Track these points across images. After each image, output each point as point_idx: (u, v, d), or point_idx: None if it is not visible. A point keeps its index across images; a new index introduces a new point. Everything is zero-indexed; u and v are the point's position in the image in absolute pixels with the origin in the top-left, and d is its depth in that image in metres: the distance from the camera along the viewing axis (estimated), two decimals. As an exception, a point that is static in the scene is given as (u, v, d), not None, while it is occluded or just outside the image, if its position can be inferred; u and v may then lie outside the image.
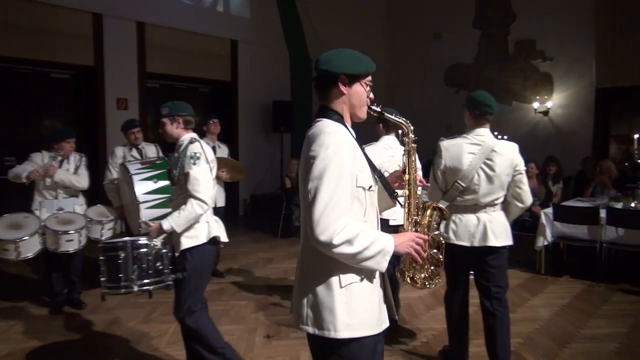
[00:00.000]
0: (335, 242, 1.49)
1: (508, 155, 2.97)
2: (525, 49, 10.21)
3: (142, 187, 3.41)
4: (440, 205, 1.91)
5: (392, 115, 1.87)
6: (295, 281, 1.78)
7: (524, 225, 6.10)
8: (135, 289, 2.79)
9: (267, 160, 9.82)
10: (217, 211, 5.23)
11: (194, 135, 2.98)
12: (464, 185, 2.95)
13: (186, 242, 2.81)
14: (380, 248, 1.57)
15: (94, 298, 4.62)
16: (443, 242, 1.88)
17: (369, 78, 1.73)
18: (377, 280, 1.70)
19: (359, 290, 1.62)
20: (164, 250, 2.83)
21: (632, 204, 5.36)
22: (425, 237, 1.75)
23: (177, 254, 2.84)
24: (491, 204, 2.99)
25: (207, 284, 3.04)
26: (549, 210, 5.45)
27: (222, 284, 5.22)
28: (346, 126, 1.69)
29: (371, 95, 1.75)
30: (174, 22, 8.18)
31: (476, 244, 2.95)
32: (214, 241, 2.93)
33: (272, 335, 3.86)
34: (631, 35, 8.76)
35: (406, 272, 1.82)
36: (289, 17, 10.14)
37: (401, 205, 1.86)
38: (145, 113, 7.89)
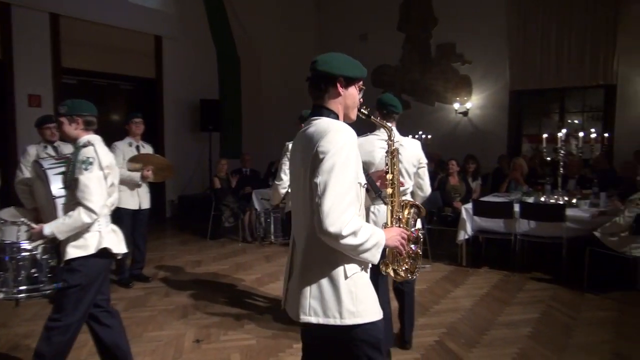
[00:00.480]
0: (344, 233, 1.58)
1: (413, 150, 3.36)
2: (446, 52, 10.71)
3: (58, 182, 3.17)
4: (417, 203, 2.05)
5: (377, 118, 2.01)
6: (291, 275, 1.82)
7: (446, 221, 6.39)
8: (1, 296, 2.57)
9: (195, 160, 9.57)
10: (141, 213, 5.09)
11: (92, 137, 2.76)
12: None
13: (72, 252, 2.59)
14: (376, 241, 1.67)
15: (5, 311, 4.28)
16: (421, 237, 2.01)
17: (361, 82, 1.84)
18: (369, 271, 1.80)
19: (360, 280, 1.72)
20: (43, 257, 2.61)
21: (542, 198, 5.79)
22: (408, 232, 1.90)
23: (61, 264, 2.61)
24: (403, 193, 3.27)
25: (95, 299, 2.75)
26: (469, 205, 5.76)
27: (147, 289, 5.03)
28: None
29: (361, 99, 1.87)
30: (92, 15, 7.75)
31: None
32: (105, 253, 2.70)
33: (201, 340, 3.77)
34: (539, 42, 9.46)
35: (390, 265, 1.94)
36: (215, 15, 9.95)
37: (385, 202, 1.97)
38: (61, 111, 7.40)
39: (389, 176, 1.96)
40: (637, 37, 8.63)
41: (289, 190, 4.17)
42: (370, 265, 1.78)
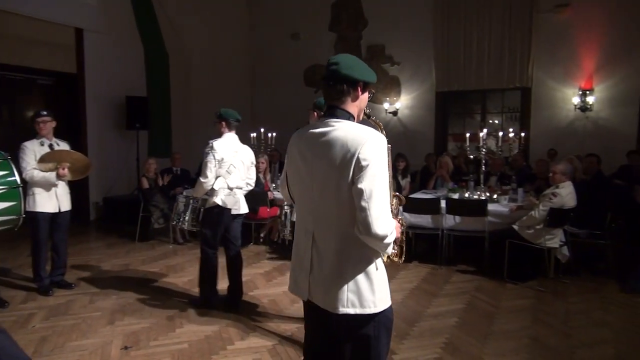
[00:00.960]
0: (388, 233, 1.75)
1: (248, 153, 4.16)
2: (376, 53, 10.98)
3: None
4: (398, 194, 2.20)
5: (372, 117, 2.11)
6: (312, 269, 1.91)
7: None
8: None
9: (122, 159, 9.15)
10: (61, 217, 4.79)
11: None
12: None
13: None
14: (394, 235, 1.82)
15: None
16: (404, 226, 2.16)
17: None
18: None
19: (384, 270, 1.94)
20: None
21: (466, 195, 6.09)
22: (400, 224, 2.07)
23: None
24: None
25: None
26: (399, 202, 5.93)
27: (70, 296, 4.74)
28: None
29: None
30: (2, 3, 7.18)
31: None
32: None
33: (130, 346, 3.62)
34: (462, 47, 9.95)
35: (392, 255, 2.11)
36: (142, 8, 9.54)
37: None
38: (-32, 106, 6.82)
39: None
40: (548, 44, 9.31)
41: (288, 189, 4.28)
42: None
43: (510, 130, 7.11)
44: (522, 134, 9.30)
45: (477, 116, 10.72)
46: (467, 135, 6.66)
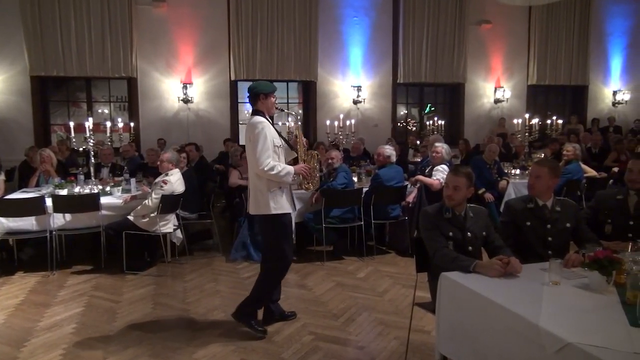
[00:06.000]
0: (266, 169, 3.42)
1: None
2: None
3: None
4: (316, 152, 3.90)
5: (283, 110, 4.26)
6: (250, 196, 3.68)
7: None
8: None
9: None
10: None
11: None
12: None
13: None
14: (287, 171, 3.51)
15: None
16: (316, 175, 3.87)
17: (275, 93, 3.70)
18: (286, 189, 3.64)
19: (278, 192, 3.56)
20: None
21: (76, 189, 5.65)
22: (309, 167, 3.73)
23: None
24: None
25: None
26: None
27: None
28: (266, 118, 3.61)
29: (275, 102, 3.76)
30: None
31: None
32: None
33: None
34: (58, 29, 9.14)
35: (303, 184, 3.76)
36: None
37: (296, 152, 3.84)
38: None
39: (298, 140, 3.75)
40: (150, 36, 9.66)
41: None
42: (285, 187, 3.61)
43: (120, 120, 7.03)
44: (132, 124, 9.38)
45: (83, 105, 10.14)
46: (72, 124, 6.18)
